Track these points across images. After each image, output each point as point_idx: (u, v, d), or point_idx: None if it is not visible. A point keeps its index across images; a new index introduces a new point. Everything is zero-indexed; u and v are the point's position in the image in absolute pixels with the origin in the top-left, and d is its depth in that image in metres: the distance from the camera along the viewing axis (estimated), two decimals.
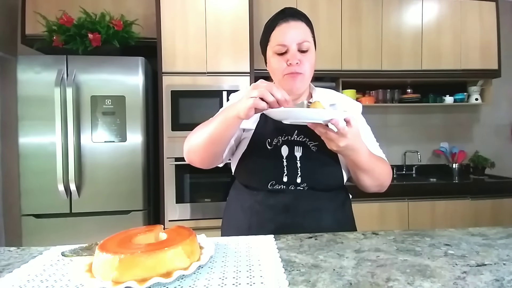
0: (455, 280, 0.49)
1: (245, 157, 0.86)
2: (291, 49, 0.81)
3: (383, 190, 0.88)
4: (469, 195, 2.27)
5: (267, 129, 0.85)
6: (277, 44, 0.82)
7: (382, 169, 0.83)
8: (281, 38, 0.81)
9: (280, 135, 0.84)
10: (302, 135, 0.84)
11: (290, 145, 0.83)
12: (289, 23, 0.82)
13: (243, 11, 2.03)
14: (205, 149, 0.78)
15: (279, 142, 0.83)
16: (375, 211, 2.19)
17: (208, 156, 0.81)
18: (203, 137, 0.76)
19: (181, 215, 1.98)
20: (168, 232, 0.57)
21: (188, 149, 0.83)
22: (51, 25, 1.90)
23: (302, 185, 0.82)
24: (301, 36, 0.81)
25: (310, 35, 0.84)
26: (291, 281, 0.49)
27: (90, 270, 0.49)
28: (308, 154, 0.82)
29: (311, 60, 0.84)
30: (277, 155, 0.82)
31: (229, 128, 0.72)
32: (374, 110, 2.66)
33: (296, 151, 0.83)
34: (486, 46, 2.49)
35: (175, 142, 1.96)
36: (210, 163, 0.84)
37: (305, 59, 0.82)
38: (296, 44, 0.81)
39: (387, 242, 0.67)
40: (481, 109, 2.85)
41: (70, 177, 1.79)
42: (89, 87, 1.84)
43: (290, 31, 0.81)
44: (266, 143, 0.84)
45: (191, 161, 0.84)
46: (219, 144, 0.77)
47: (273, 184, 0.82)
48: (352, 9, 2.35)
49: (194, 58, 1.99)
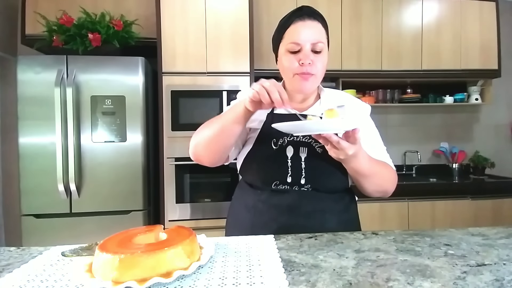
0: (455, 280, 0.49)
1: (250, 156, 0.86)
2: (305, 49, 0.79)
3: (387, 196, 0.87)
4: (469, 195, 2.27)
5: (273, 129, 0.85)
6: (290, 42, 0.80)
7: (384, 175, 0.82)
8: (295, 36, 0.79)
9: (286, 135, 0.83)
10: (308, 136, 0.83)
11: (296, 145, 0.83)
12: (305, 22, 0.80)
13: (243, 11, 2.03)
14: (214, 142, 0.78)
15: (284, 142, 0.83)
16: (375, 211, 2.19)
17: (217, 150, 0.80)
18: (213, 130, 0.77)
19: (181, 215, 1.98)
20: (168, 232, 0.57)
21: (196, 144, 0.82)
22: (51, 25, 1.90)
23: (306, 186, 0.81)
24: (316, 36, 0.79)
25: (325, 36, 0.82)
26: (291, 281, 0.49)
27: (90, 270, 0.49)
28: (313, 155, 0.82)
29: (324, 62, 0.82)
30: (282, 155, 0.82)
31: (238, 119, 0.74)
32: (374, 110, 2.61)
33: (301, 152, 0.82)
34: (486, 46, 2.49)
35: (175, 142, 1.96)
36: (218, 159, 0.84)
37: (318, 60, 0.80)
38: (311, 44, 0.79)
39: (387, 242, 0.67)
40: (481, 109, 2.85)
41: (70, 177, 1.79)
42: (89, 87, 1.84)
43: (305, 30, 0.79)
44: (272, 143, 0.83)
45: (198, 156, 0.84)
46: (229, 137, 0.77)
47: (277, 184, 0.82)
48: (352, 9, 2.35)
49: (194, 58, 1.99)
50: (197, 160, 0.85)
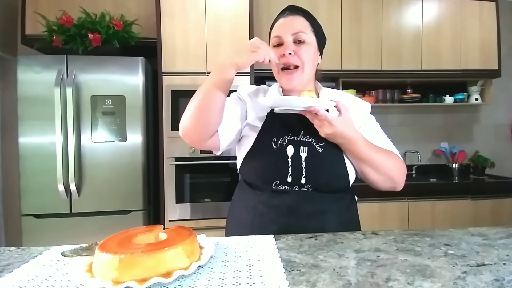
0: (455, 280, 0.49)
1: (250, 155, 0.85)
2: (286, 40, 0.81)
3: (398, 188, 0.85)
4: (469, 195, 2.27)
5: (274, 128, 0.84)
6: (273, 36, 0.84)
7: (388, 162, 0.81)
8: (277, 30, 0.84)
9: (286, 134, 0.83)
10: (308, 136, 0.82)
11: (296, 145, 0.82)
12: (286, 17, 0.84)
13: (243, 10, 2.03)
14: (198, 110, 0.77)
15: (284, 142, 0.82)
16: (375, 211, 2.19)
17: (202, 121, 0.79)
18: (197, 98, 0.78)
19: (181, 215, 1.98)
20: (168, 232, 0.57)
21: (183, 118, 0.81)
22: (51, 25, 1.90)
23: (306, 186, 0.80)
24: (297, 27, 0.82)
25: (308, 28, 0.83)
26: (291, 281, 0.49)
27: (90, 270, 0.49)
28: (313, 154, 0.81)
29: (309, 53, 0.82)
30: (283, 154, 0.81)
31: (219, 83, 0.76)
32: (374, 110, 2.61)
33: (302, 152, 0.81)
34: (486, 46, 2.49)
35: (175, 142, 1.96)
36: (205, 133, 0.82)
37: (301, 51, 0.81)
38: (291, 35, 0.81)
39: (387, 242, 0.67)
40: (481, 109, 2.85)
41: (70, 177, 1.79)
42: (89, 87, 1.84)
43: (286, 24, 0.83)
44: (272, 142, 0.83)
45: (186, 131, 0.81)
46: (213, 104, 0.77)
47: (277, 184, 0.81)
48: (352, 9, 2.36)
49: (194, 58, 1.99)
50: (186, 137, 0.83)
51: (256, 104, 0.89)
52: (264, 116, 0.86)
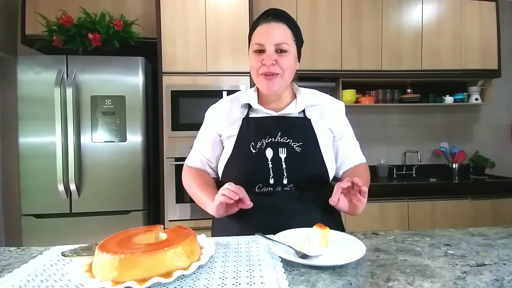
0: (455, 280, 0.49)
1: (230, 162, 0.87)
2: (268, 50, 0.82)
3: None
4: (469, 195, 2.27)
5: (250, 132, 0.86)
6: (255, 43, 0.84)
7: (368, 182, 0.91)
8: (259, 37, 0.83)
9: (264, 137, 0.85)
10: (286, 136, 0.85)
11: (274, 147, 0.84)
12: (270, 24, 0.83)
13: (243, 11, 2.03)
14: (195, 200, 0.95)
15: (263, 145, 0.84)
16: (375, 211, 2.19)
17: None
18: (193, 196, 0.97)
19: (181, 215, 1.98)
20: (168, 232, 0.57)
21: (184, 183, 1.05)
22: (51, 25, 1.90)
23: (289, 186, 0.83)
24: (280, 38, 0.82)
25: (290, 37, 0.84)
26: (291, 281, 0.49)
27: (90, 270, 0.49)
28: (292, 154, 0.84)
29: (290, 61, 0.84)
30: (262, 158, 0.83)
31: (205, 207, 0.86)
32: (374, 110, 2.66)
33: (281, 153, 0.84)
34: (486, 46, 2.49)
35: (175, 142, 1.96)
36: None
37: (282, 60, 0.82)
38: (274, 45, 0.82)
39: (387, 242, 0.67)
40: (481, 109, 2.85)
41: (70, 177, 1.78)
42: (89, 87, 1.84)
43: (269, 32, 0.82)
44: (251, 146, 0.85)
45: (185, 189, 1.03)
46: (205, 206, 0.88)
47: (260, 187, 0.83)
48: (352, 9, 2.35)
49: (194, 58, 1.99)
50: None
51: (229, 114, 0.92)
52: (240, 123, 0.88)
